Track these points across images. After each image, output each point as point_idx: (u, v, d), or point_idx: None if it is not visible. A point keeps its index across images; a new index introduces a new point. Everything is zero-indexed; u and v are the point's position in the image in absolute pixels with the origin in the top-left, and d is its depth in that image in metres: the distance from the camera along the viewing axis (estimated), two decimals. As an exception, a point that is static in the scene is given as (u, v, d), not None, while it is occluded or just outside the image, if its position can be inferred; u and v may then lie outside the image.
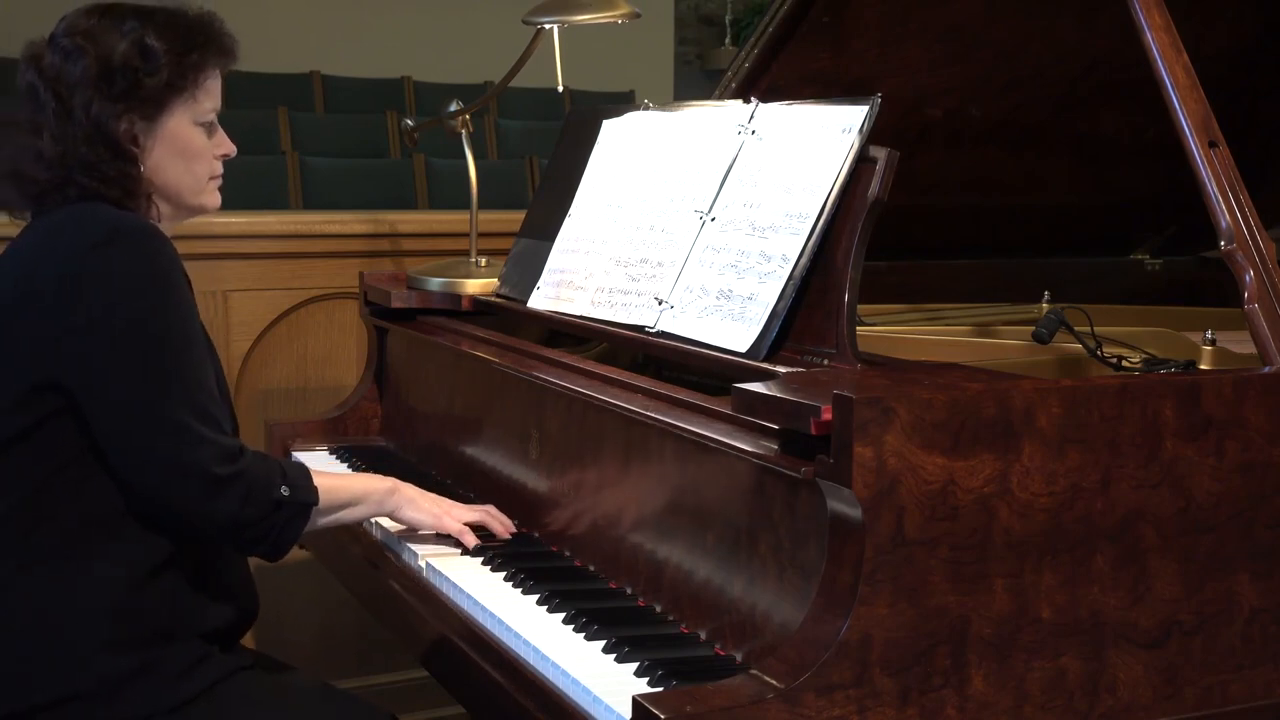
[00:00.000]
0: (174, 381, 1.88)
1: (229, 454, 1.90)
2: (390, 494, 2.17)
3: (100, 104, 1.97)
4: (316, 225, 3.38)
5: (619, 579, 2.00)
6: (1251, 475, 1.72)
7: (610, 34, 3.97)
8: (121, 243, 1.91)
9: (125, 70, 1.98)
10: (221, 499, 1.88)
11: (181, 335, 1.92)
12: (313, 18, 7.76)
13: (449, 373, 2.66)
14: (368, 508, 2.15)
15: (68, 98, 1.98)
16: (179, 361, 1.90)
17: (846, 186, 1.93)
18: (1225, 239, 1.84)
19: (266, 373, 3.32)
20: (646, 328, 2.14)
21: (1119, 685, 1.65)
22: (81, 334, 1.87)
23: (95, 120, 1.97)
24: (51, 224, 1.98)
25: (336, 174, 6.20)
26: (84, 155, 1.96)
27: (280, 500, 1.94)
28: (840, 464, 1.53)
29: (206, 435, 1.88)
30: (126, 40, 1.99)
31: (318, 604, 3.31)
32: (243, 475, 1.90)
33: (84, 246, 1.90)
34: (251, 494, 1.91)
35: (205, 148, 2.07)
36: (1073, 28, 2.51)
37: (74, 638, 1.88)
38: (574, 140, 2.60)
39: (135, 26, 2.00)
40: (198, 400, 1.90)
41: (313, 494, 2.00)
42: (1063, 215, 2.98)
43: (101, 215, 1.95)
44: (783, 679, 1.49)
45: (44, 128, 1.98)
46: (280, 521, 1.95)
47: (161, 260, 1.93)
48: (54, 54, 2.00)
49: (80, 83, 1.97)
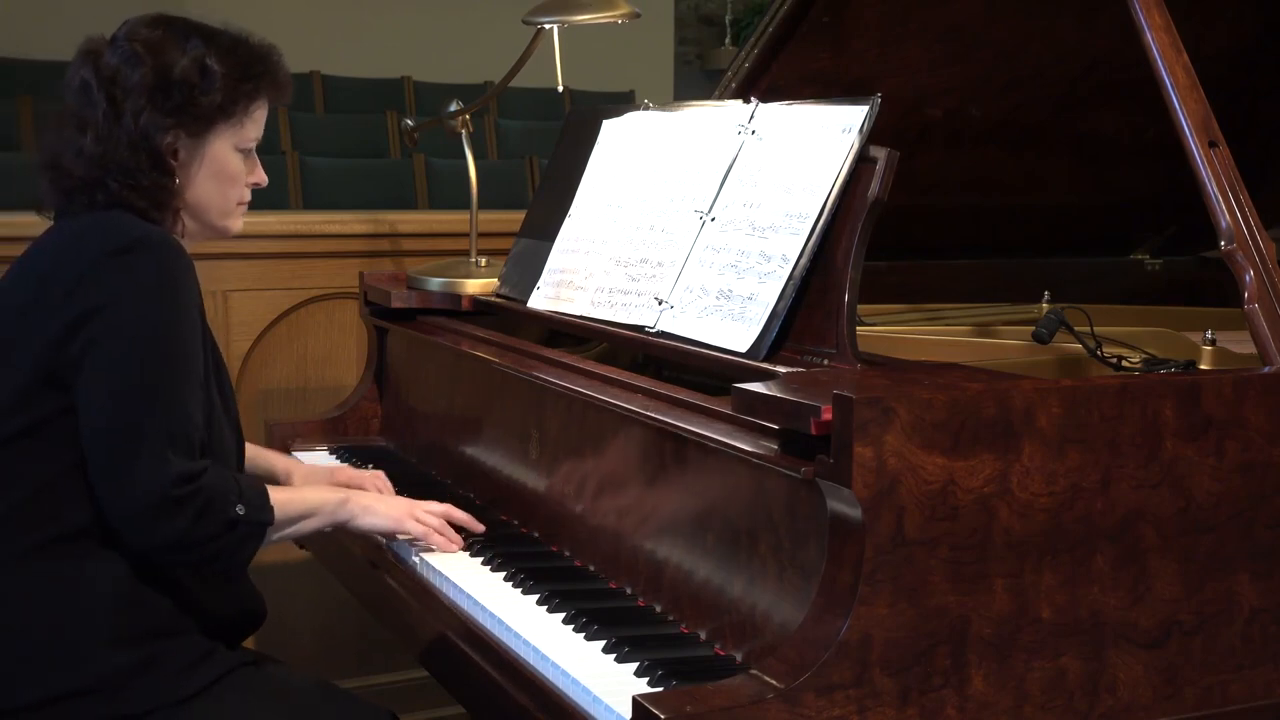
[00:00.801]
0: (156, 399, 1.88)
1: (186, 477, 1.87)
2: (342, 505, 2.13)
3: (150, 114, 1.99)
4: (316, 225, 3.38)
5: (619, 579, 2.00)
6: (1251, 475, 1.72)
7: (610, 34, 3.97)
8: (141, 252, 1.92)
9: (182, 86, 2.00)
10: (168, 520, 1.86)
11: (179, 354, 1.92)
12: (313, 18, 7.77)
13: (449, 373, 2.66)
14: (321, 519, 2.11)
15: (120, 101, 1.99)
16: (168, 380, 1.90)
17: (846, 186, 1.93)
18: (1225, 239, 1.84)
19: (266, 373, 3.32)
20: (646, 328, 2.14)
21: (1119, 685, 1.65)
22: (85, 333, 1.88)
23: (143, 129, 1.98)
24: (75, 228, 2.00)
25: (336, 174, 6.20)
26: (124, 160, 1.98)
27: (235, 519, 1.92)
28: (840, 464, 1.53)
29: (169, 458, 1.86)
30: (188, 57, 2.01)
31: (318, 604, 3.31)
32: (197, 495, 1.88)
33: (104, 251, 1.92)
34: (205, 513, 1.88)
35: (240, 173, 2.10)
36: (1073, 28, 2.51)
37: (77, 634, 1.88)
38: (574, 140, 2.60)
39: (199, 45, 2.03)
40: (174, 421, 1.88)
41: (267, 512, 1.97)
42: (1063, 215, 2.98)
43: (126, 224, 1.96)
44: (783, 679, 1.49)
45: (90, 126, 1.99)
46: (235, 541, 1.93)
47: (177, 274, 1.94)
48: (113, 55, 2.01)
49: (135, 89, 1.99)
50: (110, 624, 1.90)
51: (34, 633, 1.88)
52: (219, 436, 2.02)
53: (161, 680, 1.90)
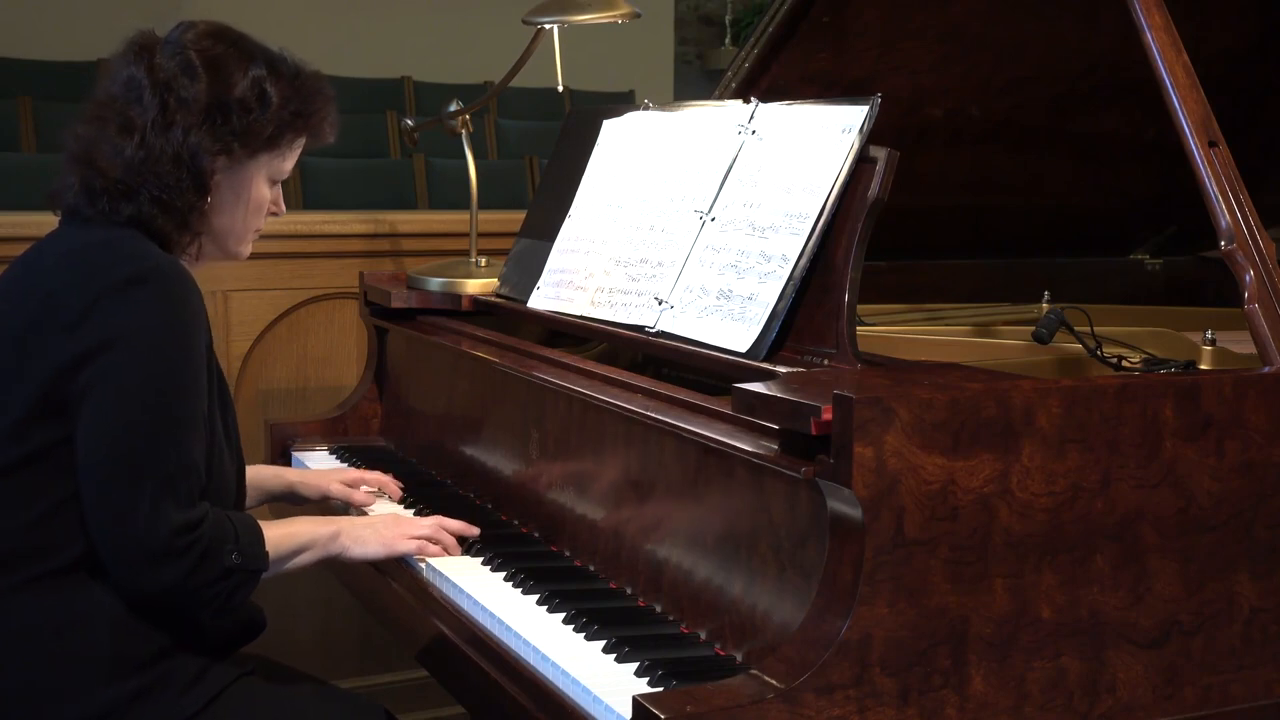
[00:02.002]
0: (158, 444, 1.84)
1: (185, 527, 1.83)
2: (334, 539, 2.09)
3: (201, 133, 1.93)
4: (316, 225, 3.38)
5: (619, 579, 2.00)
6: (1251, 475, 1.72)
7: (610, 34, 3.97)
8: (154, 284, 1.87)
9: (239, 109, 1.96)
10: (163, 569, 1.83)
11: (184, 396, 1.88)
12: (313, 18, 7.77)
13: (449, 373, 2.66)
14: (314, 554, 2.07)
15: (172, 111, 1.93)
16: (171, 424, 1.86)
17: (846, 186, 1.93)
18: (1225, 239, 1.84)
19: (266, 373, 3.32)
20: (646, 328, 2.14)
21: (1119, 685, 1.65)
22: (93, 368, 1.83)
23: (191, 147, 1.93)
24: (85, 243, 1.94)
25: (336, 174, 6.21)
26: (164, 174, 1.92)
27: (231, 568, 1.88)
28: (840, 464, 1.53)
29: (168, 508, 1.82)
30: (248, 79, 1.97)
31: (318, 604, 3.31)
32: (194, 545, 1.84)
33: (116, 280, 1.86)
34: (201, 564, 1.85)
35: (265, 203, 2.07)
36: (1073, 28, 2.51)
37: (76, 666, 1.85)
38: (574, 140, 2.60)
39: (260, 70, 1.99)
40: (175, 468, 1.84)
41: (262, 560, 1.94)
42: (1063, 215, 2.98)
43: (140, 250, 1.91)
44: (783, 679, 1.49)
45: (136, 129, 1.93)
46: (229, 588, 1.89)
47: (188, 310, 1.90)
48: (169, 59, 1.95)
49: (190, 103, 1.94)
50: (110, 655, 1.86)
51: (33, 667, 1.84)
52: (219, 470, 1.98)
53: (160, 704, 1.87)
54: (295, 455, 2.80)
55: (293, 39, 2.20)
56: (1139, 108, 2.44)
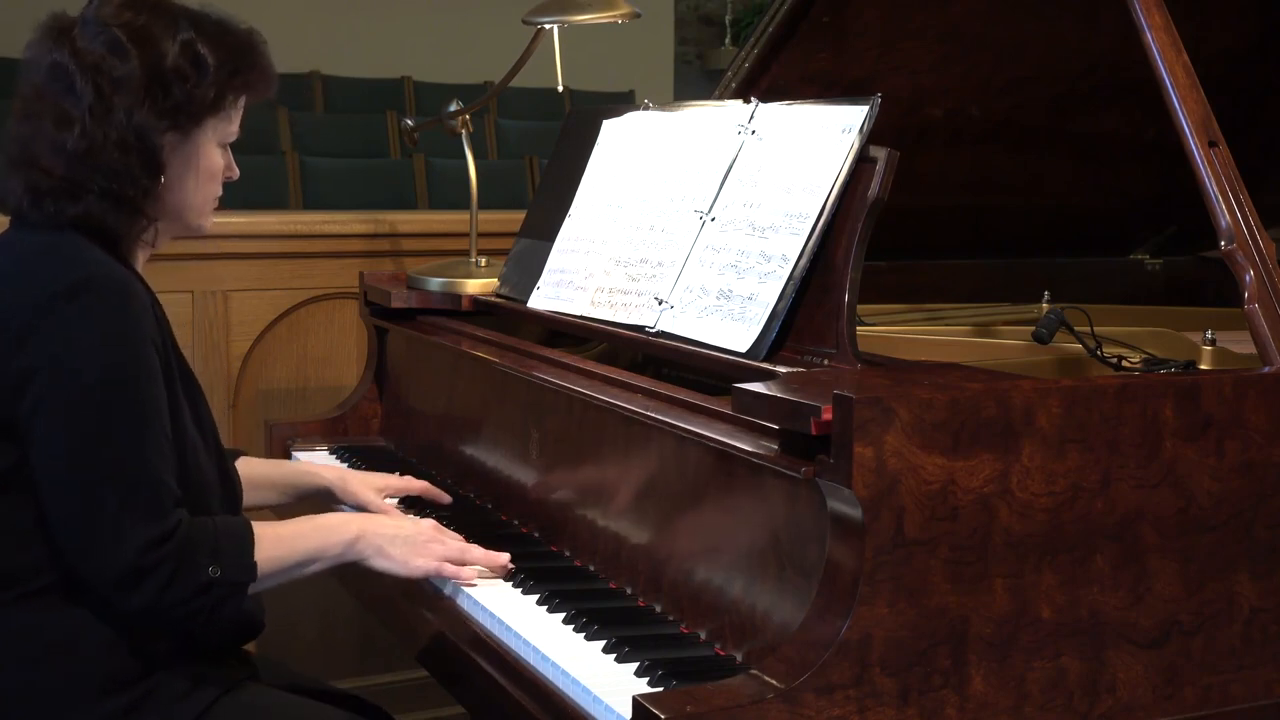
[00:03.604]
0: (113, 461, 1.76)
1: (152, 542, 1.74)
2: (353, 543, 1.97)
3: (144, 112, 1.83)
4: (316, 225, 3.38)
5: (619, 579, 2.00)
6: (1251, 475, 1.72)
7: (610, 34, 3.97)
8: (86, 297, 1.77)
9: (177, 80, 1.85)
10: (133, 590, 1.75)
11: (135, 405, 1.78)
12: (313, 18, 7.77)
13: (449, 373, 2.66)
14: (325, 563, 1.96)
15: (109, 95, 1.81)
16: (124, 437, 1.77)
17: (846, 186, 1.93)
18: (1225, 239, 1.84)
19: (266, 373, 3.32)
20: (646, 328, 2.14)
21: (1119, 685, 1.65)
22: (35, 389, 1.76)
23: (138, 128, 1.82)
24: (29, 251, 1.86)
25: (336, 174, 6.21)
26: (112, 161, 1.82)
27: (209, 582, 1.78)
28: (840, 464, 1.53)
29: (131, 525, 1.74)
30: (178, 45, 1.85)
31: (318, 604, 3.31)
32: (164, 562, 1.75)
33: (51, 293, 1.77)
34: (174, 580, 1.76)
35: (220, 169, 1.96)
36: (1073, 28, 2.51)
37: (66, 686, 1.80)
38: (574, 140, 2.60)
39: (187, 31, 1.87)
40: (135, 482, 1.76)
41: (248, 571, 1.82)
42: (1063, 215, 2.98)
43: (77, 258, 1.82)
44: (783, 679, 1.49)
45: (74, 120, 1.81)
46: (209, 603, 1.79)
47: (126, 317, 1.79)
48: (92, 39, 1.83)
49: (125, 83, 1.82)
50: (101, 672, 1.81)
51: (24, 687, 1.80)
52: (195, 469, 1.88)
53: (155, 715, 1.82)
54: (295, 455, 2.79)
55: (293, 39, 2.20)
56: (1139, 108, 2.43)
